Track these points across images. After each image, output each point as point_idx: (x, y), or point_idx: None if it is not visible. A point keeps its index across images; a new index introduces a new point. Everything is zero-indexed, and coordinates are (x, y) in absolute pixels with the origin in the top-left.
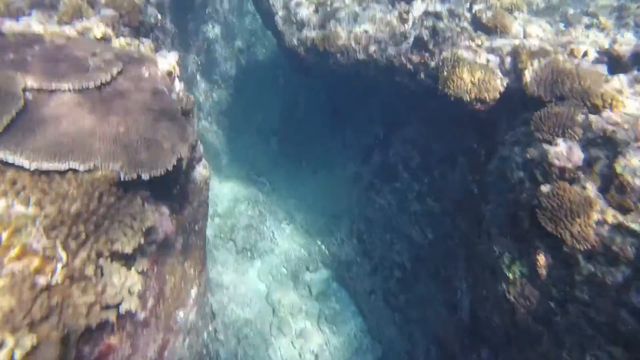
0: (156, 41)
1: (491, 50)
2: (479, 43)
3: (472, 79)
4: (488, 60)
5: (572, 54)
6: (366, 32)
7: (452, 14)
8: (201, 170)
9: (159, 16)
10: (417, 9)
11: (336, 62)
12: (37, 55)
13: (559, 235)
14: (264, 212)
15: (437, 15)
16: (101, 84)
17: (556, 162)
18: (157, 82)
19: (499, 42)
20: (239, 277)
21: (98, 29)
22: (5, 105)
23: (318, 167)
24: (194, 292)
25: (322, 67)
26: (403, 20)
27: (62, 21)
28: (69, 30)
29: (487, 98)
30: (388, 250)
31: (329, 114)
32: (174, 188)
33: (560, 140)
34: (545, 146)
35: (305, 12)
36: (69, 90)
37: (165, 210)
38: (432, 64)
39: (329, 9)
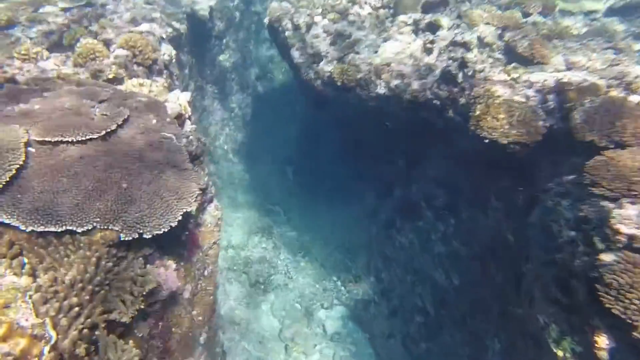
0: (170, 78)
1: (530, 85)
2: (515, 76)
3: (510, 119)
4: (527, 97)
5: (629, 88)
6: (388, 64)
7: (482, 43)
8: (212, 211)
9: (174, 52)
10: (443, 39)
11: (355, 97)
12: (45, 105)
13: (629, 322)
14: (279, 244)
15: (466, 45)
16: (106, 134)
17: (623, 228)
18: (164, 129)
19: (538, 75)
20: (251, 312)
21: (110, 71)
22: (5, 161)
23: (334, 198)
24: (203, 338)
25: (340, 101)
26: (427, 51)
27: (77, 64)
28: (83, 73)
29: (528, 141)
30: (409, 292)
31: (345, 144)
32: (181, 235)
33: (627, 202)
34: (606, 205)
35: (323, 44)
36: (72, 142)
37: (171, 263)
38: (462, 100)
39: (347, 40)
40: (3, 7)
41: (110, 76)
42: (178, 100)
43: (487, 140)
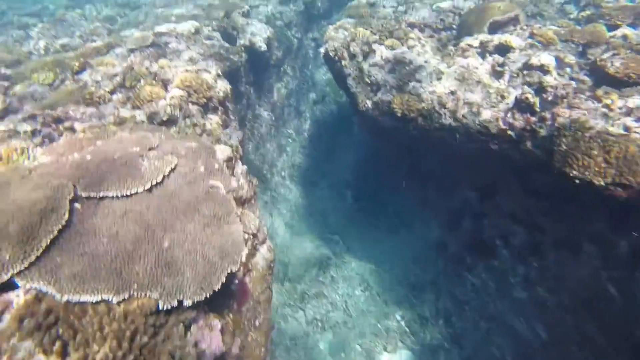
0: (225, 113)
1: (628, 112)
2: (609, 103)
3: (607, 156)
4: (627, 128)
5: None
6: (452, 92)
7: (561, 63)
8: (265, 253)
9: (229, 88)
10: (515, 61)
11: (417, 128)
12: (96, 156)
13: None
14: (337, 277)
15: (542, 68)
16: (152, 186)
17: None
18: (212, 177)
19: (638, 100)
20: (307, 353)
21: (165, 113)
22: (48, 223)
23: (396, 225)
24: None
25: (400, 132)
26: (497, 75)
27: (135, 106)
28: (139, 115)
29: (633, 182)
30: (484, 342)
31: (407, 169)
32: (230, 285)
33: None
34: None
35: (381, 73)
36: (117, 197)
37: (217, 322)
38: (542, 131)
39: (407, 67)
40: (79, 54)
41: (165, 118)
42: (230, 141)
43: (577, 181)
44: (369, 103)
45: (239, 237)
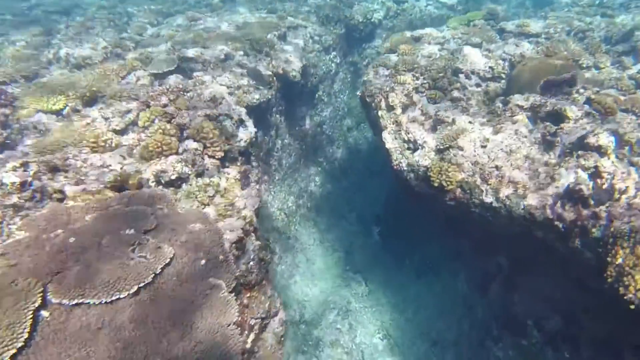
0: (246, 162)
1: None
2: None
3: None
4: None
5: None
6: (497, 167)
7: (621, 141)
8: (276, 328)
9: (253, 134)
10: (569, 133)
11: (454, 200)
12: (81, 239)
13: None
14: (355, 324)
15: (600, 149)
16: (140, 288)
17: None
18: (214, 272)
19: None
20: None
21: (174, 170)
22: (5, 339)
23: (423, 270)
24: None
25: (435, 199)
26: (548, 145)
27: (143, 156)
28: (145, 172)
29: None
30: None
31: (443, 220)
32: None
33: None
34: None
35: (420, 131)
36: (96, 304)
37: None
38: (595, 231)
39: (449, 128)
40: (93, 78)
41: (174, 177)
42: (244, 211)
43: (632, 306)
44: (404, 163)
45: (237, 353)
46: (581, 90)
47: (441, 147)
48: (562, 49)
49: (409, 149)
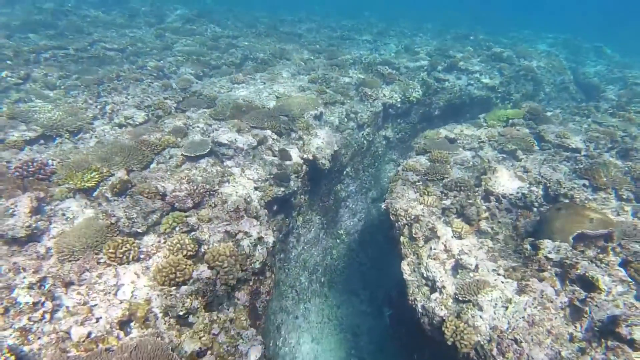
0: (258, 284)
1: None
2: None
3: None
4: None
5: None
6: (517, 342)
7: None
8: None
9: (270, 248)
10: (599, 307)
11: (466, 359)
12: None
13: None
14: None
15: (635, 345)
16: None
17: None
18: None
19: None
20: None
21: (183, 306)
22: None
23: None
24: None
25: (447, 349)
26: (575, 313)
27: (155, 279)
28: (155, 300)
29: None
30: None
31: None
32: None
33: None
34: None
35: (440, 271)
36: None
37: None
38: None
39: (471, 275)
40: (128, 153)
41: (182, 312)
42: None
43: None
44: (419, 303)
45: None
46: (618, 249)
47: (460, 297)
48: (602, 175)
49: (426, 285)
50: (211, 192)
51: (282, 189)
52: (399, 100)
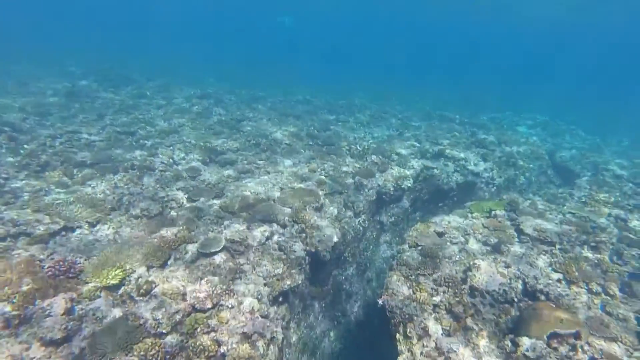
0: None
1: None
2: None
3: None
4: None
5: None
6: None
7: None
8: None
9: (277, 351)
10: None
11: None
12: None
13: None
14: None
15: None
16: None
17: None
18: None
19: None
20: None
21: None
22: None
23: None
24: None
25: None
26: None
27: None
28: None
29: None
30: None
31: None
32: None
33: None
34: None
35: None
36: None
37: None
38: None
39: None
40: (148, 251)
41: None
42: None
43: None
44: None
45: None
46: (586, 348)
47: None
48: (574, 269)
49: None
50: (227, 292)
51: (288, 282)
52: (392, 188)
